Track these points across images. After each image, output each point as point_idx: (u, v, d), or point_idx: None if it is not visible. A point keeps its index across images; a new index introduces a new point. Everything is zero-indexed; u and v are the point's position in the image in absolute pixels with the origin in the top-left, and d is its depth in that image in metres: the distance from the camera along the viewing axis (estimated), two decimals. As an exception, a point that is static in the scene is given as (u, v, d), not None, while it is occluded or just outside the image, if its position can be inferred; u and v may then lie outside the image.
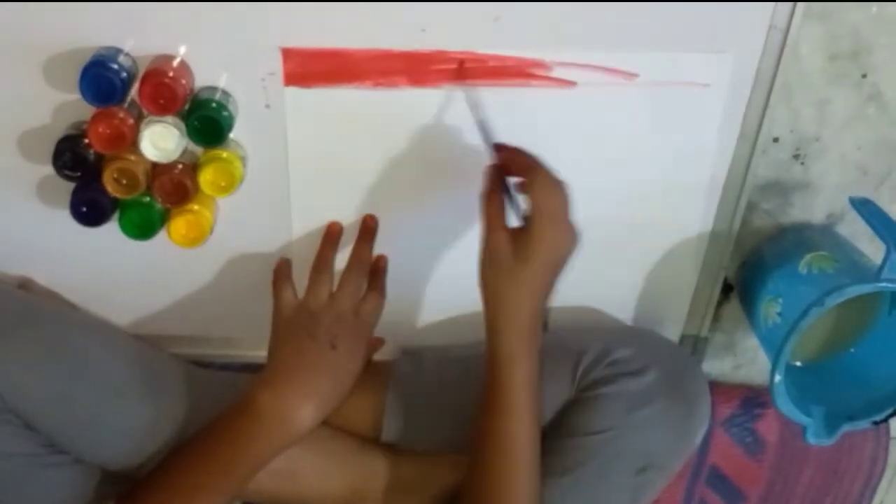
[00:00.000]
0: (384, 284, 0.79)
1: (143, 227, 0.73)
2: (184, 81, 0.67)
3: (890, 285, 0.73)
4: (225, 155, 0.71)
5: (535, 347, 0.68)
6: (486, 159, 0.72)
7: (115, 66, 0.66)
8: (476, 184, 0.77)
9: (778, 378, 0.77)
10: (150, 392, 0.73)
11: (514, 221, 0.68)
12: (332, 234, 0.78)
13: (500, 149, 0.70)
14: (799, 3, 0.71)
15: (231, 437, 0.70)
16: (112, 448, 0.72)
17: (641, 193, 0.80)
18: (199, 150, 0.72)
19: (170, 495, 0.69)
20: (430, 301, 0.85)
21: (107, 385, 0.71)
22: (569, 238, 0.67)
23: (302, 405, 0.70)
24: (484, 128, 0.71)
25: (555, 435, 0.75)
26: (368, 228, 0.78)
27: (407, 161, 0.76)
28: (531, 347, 0.67)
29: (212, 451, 0.70)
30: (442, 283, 0.84)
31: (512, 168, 0.69)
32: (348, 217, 0.79)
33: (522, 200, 0.68)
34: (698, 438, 0.78)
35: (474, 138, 0.75)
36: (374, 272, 0.79)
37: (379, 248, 0.79)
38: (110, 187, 0.70)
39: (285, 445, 0.70)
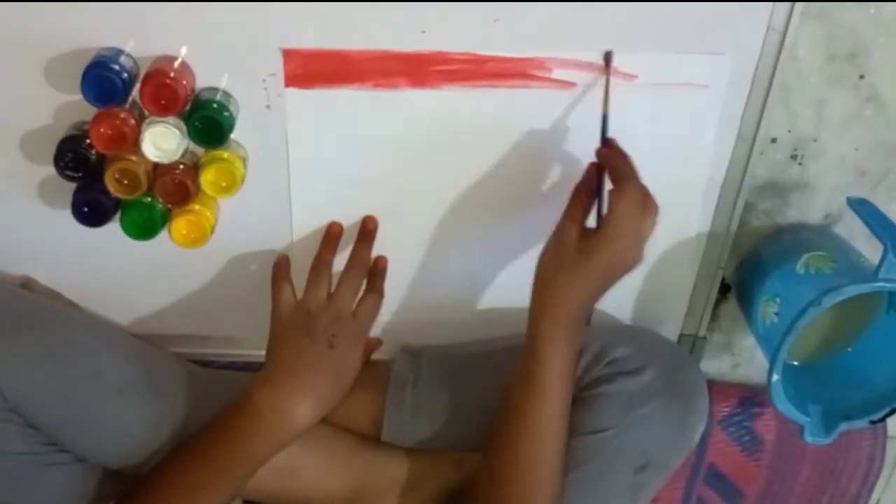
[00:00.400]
0: (382, 285, 0.79)
1: (145, 227, 0.73)
2: (185, 82, 0.68)
3: (887, 285, 0.74)
4: (226, 155, 0.72)
5: (575, 342, 0.70)
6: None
7: (117, 67, 0.66)
8: (475, 185, 0.78)
9: (775, 377, 0.77)
10: (151, 391, 0.74)
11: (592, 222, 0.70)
12: (331, 235, 0.79)
13: (608, 147, 0.71)
14: (797, 4, 0.71)
15: (230, 436, 0.70)
16: (113, 447, 0.72)
17: (640, 194, 0.80)
18: (200, 150, 0.72)
19: (169, 494, 0.70)
20: (430, 301, 0.85)
21: (108, 384, 0.72)
22: (633, 256, 0.69)
23: (299, 403, 0.70)
24: (605, 122, 0.72)
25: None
26: (368, 229, 0.78)
27: (407, 162, 0.76)
28: (571, 339, 0.69)
29: (211, 450, 0.70)
30: (441, 283, 0.84)
31: (610, 171, 0.70)
32: (348, 218, 0.79)
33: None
34: (697, 436, 0.78)
35: (473, 139, 0.76)
36: (372, 273, 0.79)
37: (378, 249, 0.79)
38: (112, 187, 0.70)
39: (283, 443, 0.71)
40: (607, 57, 0.72)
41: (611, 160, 0.71)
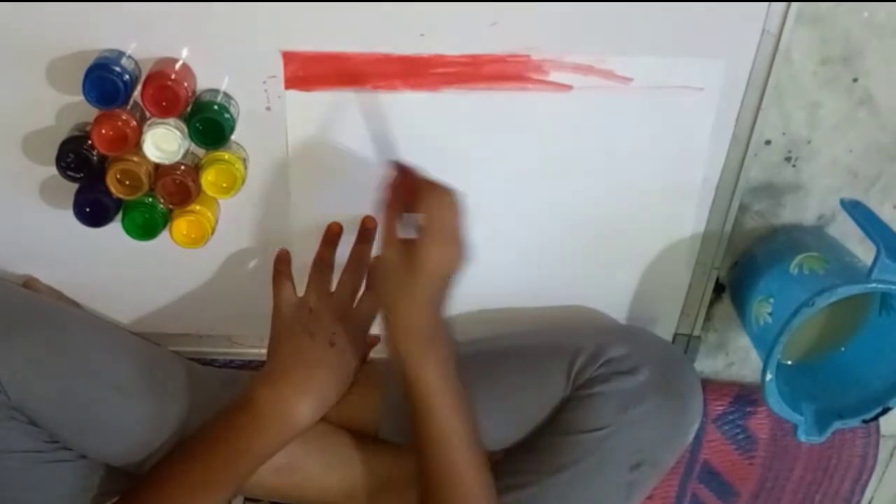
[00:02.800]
0: (382, 284, 0.80)
1: (146, 227, 0.73)
2: (186, 84, 0.68)
3: (880, 286, 0.74)
4: (226, 156, 0.72)
5: (441, 353, 0.68)
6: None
7: (118, 69, 0.66)
8: (472, 186, 0.78)
9: (769, 376, 0.77)
10: (152, 390, 0.74)
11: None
12: (331, 235, 0.79)
13: (395, 166, 0.70)
14: (792, 6, 0.71)
15: (231, 434, 0.70)
16: (115, 445, 0.73)
17: (636, 195, 0.81)
18: (201, 151, 0.73)
19: (171, 491, 0.70)
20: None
21: (110, 382, 0.72)
22: (456, 252, 0.66)
23: (300, 401, 0.71)
24: (382, 139, 0.70)
25: (550, 433, 0.76)
26: (367, 229, 0.79)
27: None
28: (434, 352, 0.68)
29: (212, 448, 0.71)
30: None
31: (406, 183, 0.69)
32: (347, 218, 0.80)
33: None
34: (691, 435, 0.79)
35: (471, 141, 0.76)
36: (372, 272, 0.79)
37: (378, 249, 0.80)
38: (113, 188, 0.70)
39: (284, 441, 0.71)
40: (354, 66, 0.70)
41: (403, 172, 0.69)
